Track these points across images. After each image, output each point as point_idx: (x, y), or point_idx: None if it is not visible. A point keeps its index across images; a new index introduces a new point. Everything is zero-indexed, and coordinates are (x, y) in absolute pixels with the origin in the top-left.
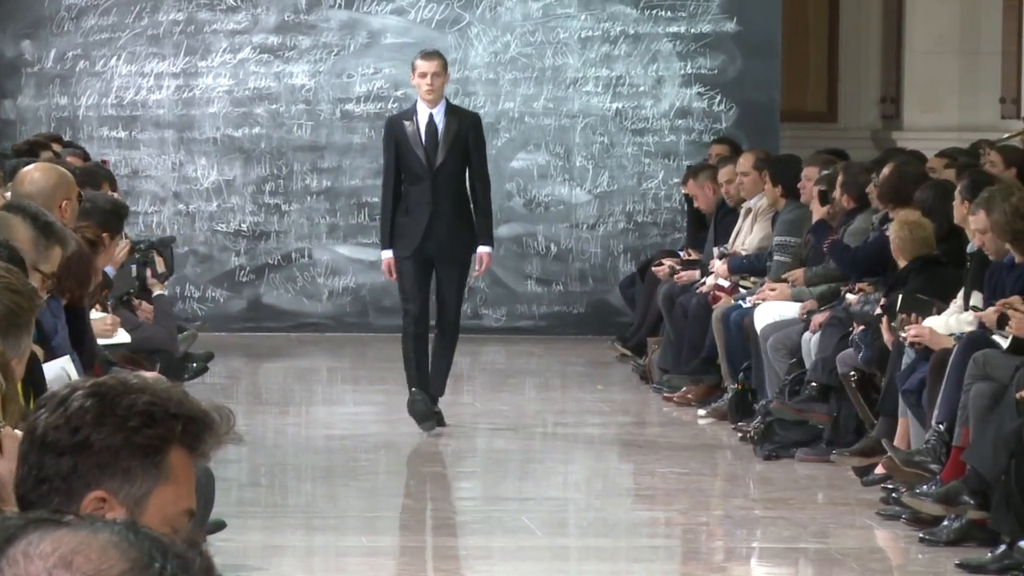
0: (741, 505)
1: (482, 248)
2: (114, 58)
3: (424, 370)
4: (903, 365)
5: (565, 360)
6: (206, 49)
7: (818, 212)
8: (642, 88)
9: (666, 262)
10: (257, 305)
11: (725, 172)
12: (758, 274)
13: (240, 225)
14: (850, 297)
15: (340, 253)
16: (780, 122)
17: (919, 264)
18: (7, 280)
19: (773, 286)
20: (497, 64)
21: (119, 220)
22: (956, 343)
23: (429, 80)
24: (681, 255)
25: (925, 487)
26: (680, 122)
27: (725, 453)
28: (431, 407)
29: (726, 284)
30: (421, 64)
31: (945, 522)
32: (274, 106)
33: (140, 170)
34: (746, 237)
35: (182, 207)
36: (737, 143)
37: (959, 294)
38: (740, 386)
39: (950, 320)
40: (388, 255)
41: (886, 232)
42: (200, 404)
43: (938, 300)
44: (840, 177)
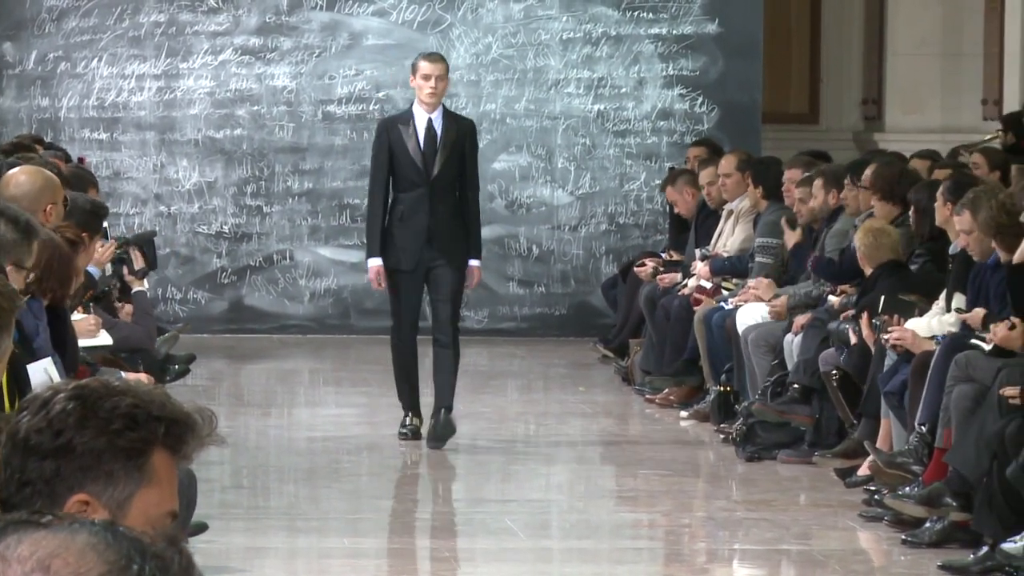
0: (723, 507)
1: (473, 262)
2: (95, 60)
3: (416, 389)
4: (885, 367)
5: (547, 362)
6: (187, 51)
7: (791, 238)
8: (624, 89)
9: (649, 262)
10: (239, 307)
11: (706, 174)
12: (740, 275)
13: (222, 227)
14: (832, 299)
15: (322, 255)
16: (762, 123)
17: (886, 270)
18: None
19: (756, 286)
20: (479, 66)
21: (98, 220)
22: (937, 347)
23: (433, 83)
24: (663, 256)
25: (907, 489)
26: (662, 123)
27: (707, 455)
28: (419, 429)
29: (708, 286)
30: (424, 66)
31: (927, 524)
32: (255, 108)
33: (121, 172)
34: (728, 239)
35: (163, 209)
36: (716, 144)
37: (941, 295)
38: (722, 388)
39: (932, 322)
40: (377, 264)
41: None
42: (182, 406)
43: (920, 300)
44: (819, 180)
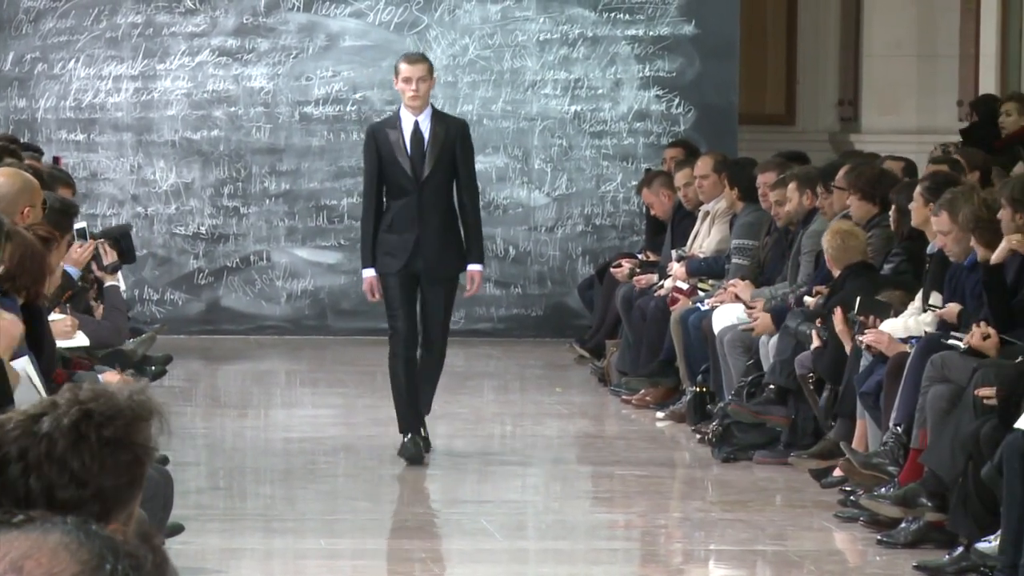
0: (699, 507)
1: (473, 266)
2: (72, 61)
3: (417, 408)
4: (861, 367)
5: (523, 362)
6: (164, 52)
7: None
8: (600, 91)
9: (625, 263)
10: (215, 308)
11: (682, 175)
12: (716, 276)
13: (199, 228)
14: (808, 300)
15: (299, 256)
16: (738, 125)
17: (853, 271)
18: None
19: (734, 283)
20: (456, 67)
21: (68, 219)
22: (912, 348)
23: (414, 85)
24: (639, 258)
25: (883, 489)
26: (638, 125)
27: (683, 455)
28: (422, 450)
29: (684, 287)
30: (405, 68)
31: (903, 524)
32: (232, 109)
33: (98, 173)
34: (704, 240)
35: (140, 210)
36: (692, 146)
37: (917, 295)
38: (698, 388)
39: (909, 321)
40: (371, 274)
41: None
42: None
43: (900, 296)
44: (794, 182)
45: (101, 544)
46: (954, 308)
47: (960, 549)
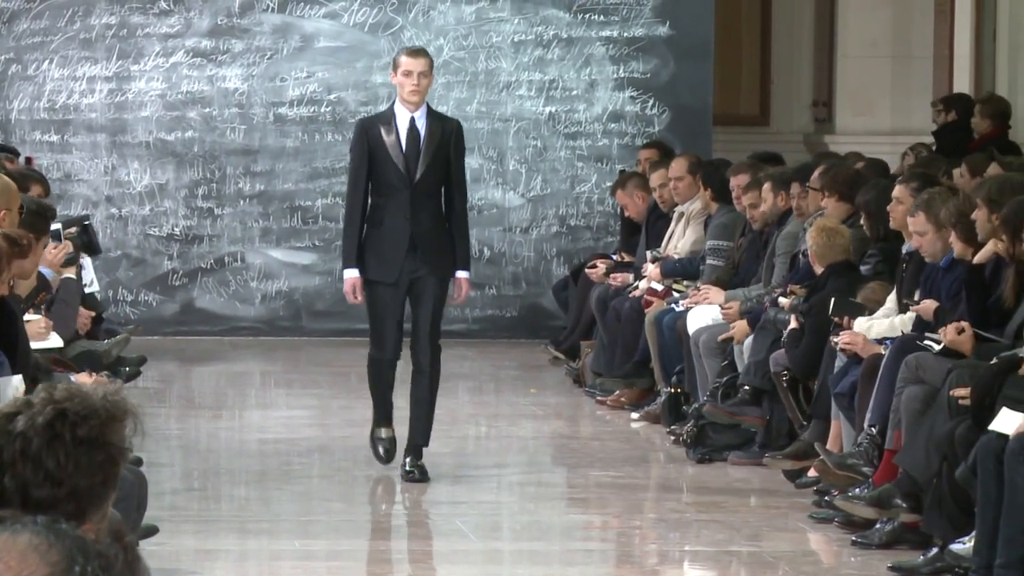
0: (674, 508)
1: (461, 273)
2: (46, 62)
3: (390, 403)
4: (835, 368)
5: (498, 364)
6: (139, 53)
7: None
8: (575, 92)
9: (601, 263)
10: (190, 309)
11: (657, 176)
12: (691, 277)
13: (173, 229)
14: (783, 301)
15: (273, 257)
16: (713, 126)
17: (836, 270)
18: None
19: (707, 289)
20: None
21: (44, 221)
22: (886, 350)
23: (415, 80)
24: (614, 259)
25: (857, 490)
26: (613, 126)
27: (658, 456)
28: (394, 446)
29: (659, 288)
30: (407, 61)
31: (878, 525)
32: (207, 110)
33: (72, 174)
34: (678, 241)
35: (115, 211)
36: (667, 146)
37: (890, 297)
38: (673, 389)
39: (895, 320)
40: (354, 275)
41: None
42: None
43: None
44: (768, 183)
45: (71, 544)
46: (931, 304)
47: (935, 550)
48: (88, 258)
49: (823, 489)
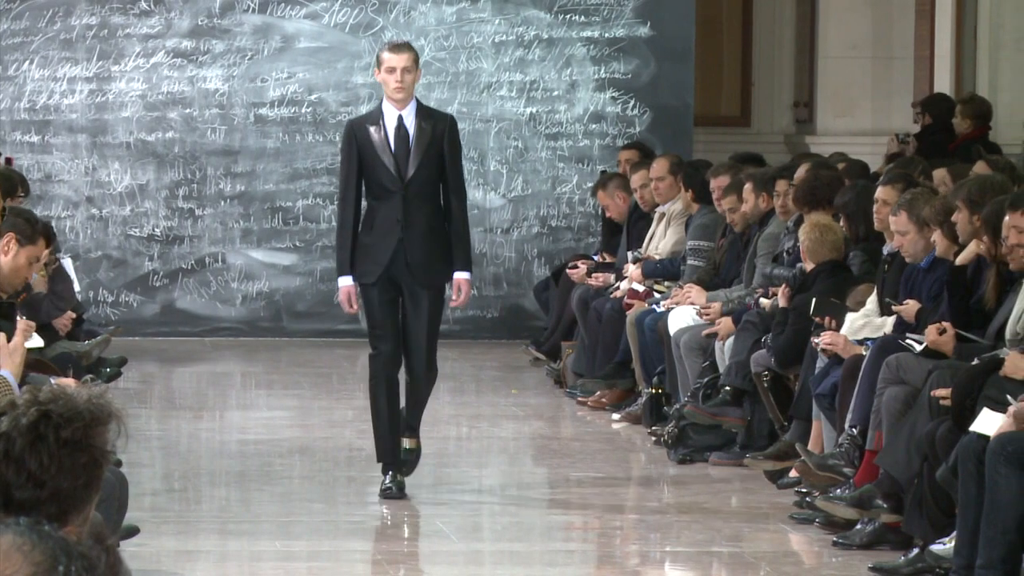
0: (655, 509)
1: (460, 274)
2: (27, 62)
3: (398, 438)
4: (816, 369)
5: (479, 364)
6: (119, 53)
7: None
8: (556, 92)
9: (582, 264)
10: (171, 310)
11: (638, 177)
12: (672, 278)
13: (154, 229)
14: (764, 301)
15: (254, 258)
16: (694, 126)
17: (827, 268)
18: None
19: (689, 288)
20: None
21: (30, 227)
22: (867, 351)
23: (398, 76)
24: (595, 259)
25: (838, 491)
26: (594, 126)
27: (639, 457)
28: (404, 489)
29: (640, 289)
30: (389, 58)
31: (858, 526)
32: (187, 110)
33: (53, 174)
34: (660, 242)
35: (95, 212)
36: (646, 147)
37: (871, 299)
38: (654, 390)
39: (875, 320)
40: (348, 283)
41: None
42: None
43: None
44: (749, 184)
45: (54, 545)
46: (913, 305)
47: (915, 551)
48: (69, 259)
49: (804, 490)
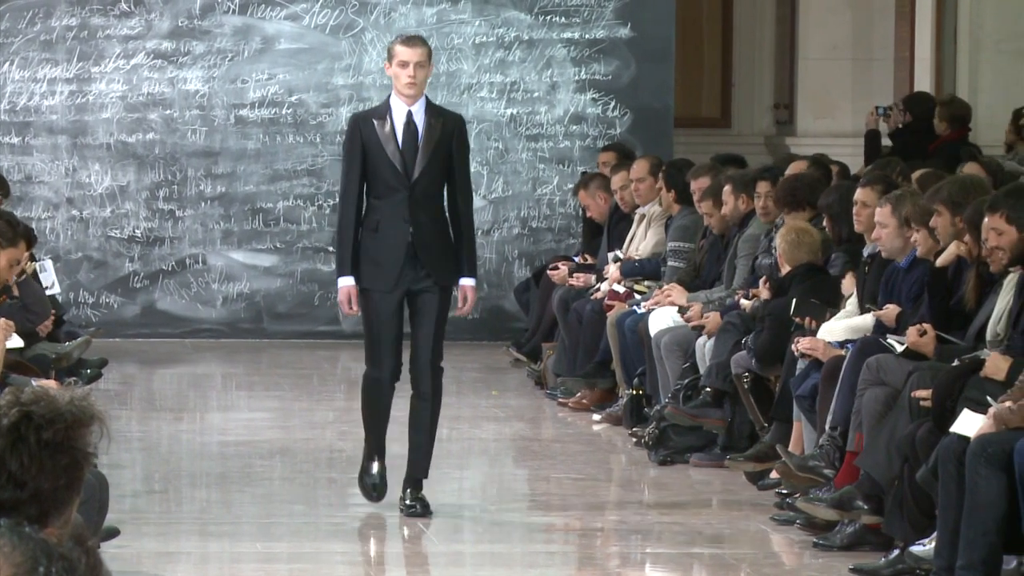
0: (636, 510)
1: (466, 281)
2: (7, 64)
3: (384, 434)
4: (797, 370)
5: (460, 366)
6: (99, 55)
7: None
8: (536, 94)
9: (563, 265)
10: (151, 311)
11: (619, 178)
12: (652, 278)
13: (134, 231)
14: (744, 302)
15: (234, 259)
16: (674, 127)
17: (803, 271)
18: None
19: (670, 288)
20: None
21: (11, 230)
22: (847, 353)
23: (411, 70)
24: (576, 260)
25: (819, 492)
26: (574, 128)
27: (620, 458)
28: (385, 482)
29: (621, 290)
30: (402, 51)
31: (839, 527)
32: (168, 112)
33: (33, 176)
34: (640, 243)
35: (75, 213)
36: (626, 148)
37: (851, 299)
38: (635, 391)
39: (856, 321)
40: (349, 283)
41: None
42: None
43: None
44: (728, 185)
45: (35, 546)
46: (893, 310)
47: (896, 552)
48: (49, 260)
49: (785, 491)
